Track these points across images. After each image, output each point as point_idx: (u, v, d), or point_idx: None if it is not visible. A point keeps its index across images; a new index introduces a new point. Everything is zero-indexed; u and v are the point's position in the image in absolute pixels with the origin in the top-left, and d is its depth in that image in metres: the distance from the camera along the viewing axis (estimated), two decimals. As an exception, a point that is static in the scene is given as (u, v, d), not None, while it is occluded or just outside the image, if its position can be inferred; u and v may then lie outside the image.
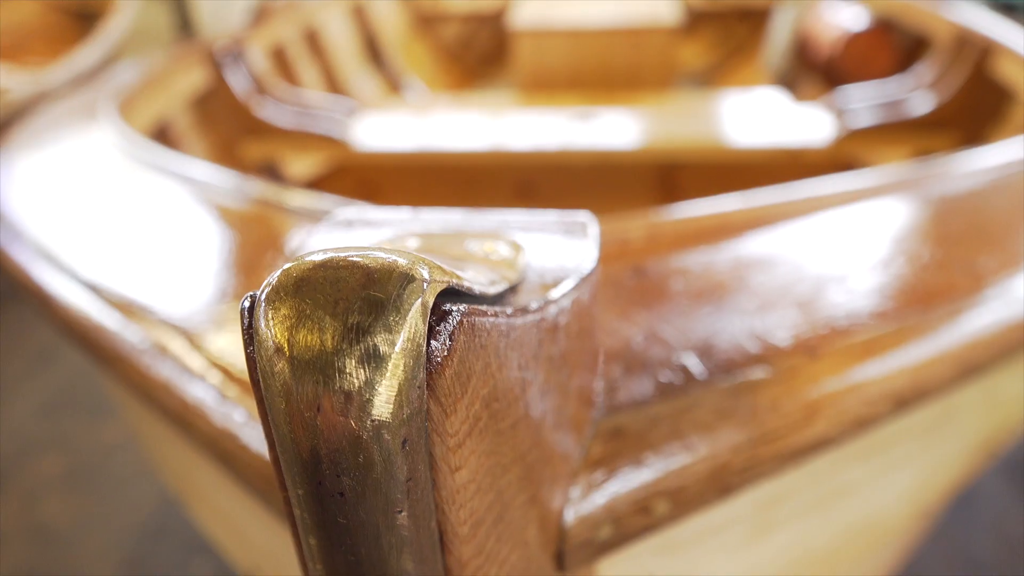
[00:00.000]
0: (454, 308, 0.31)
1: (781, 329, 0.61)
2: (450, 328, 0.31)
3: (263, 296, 0.30)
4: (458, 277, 0.32)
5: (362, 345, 0.28)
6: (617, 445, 0.50)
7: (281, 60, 2.32)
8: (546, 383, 0.41)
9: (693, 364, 0.57)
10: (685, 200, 2.02)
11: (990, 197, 0.85)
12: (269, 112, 1.96)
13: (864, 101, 1.90)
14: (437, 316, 0.31)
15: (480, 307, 0.33)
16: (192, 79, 1.88)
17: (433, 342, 0.30)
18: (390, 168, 2.08)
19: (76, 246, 0.86)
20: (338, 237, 0.48)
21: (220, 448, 0.57)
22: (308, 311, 0.29)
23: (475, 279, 0.34)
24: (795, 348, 0.59)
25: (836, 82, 2.25)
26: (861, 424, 0.58)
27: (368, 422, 0.29)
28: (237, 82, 1.96)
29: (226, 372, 0.62)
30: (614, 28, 2.33)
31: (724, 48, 3.39)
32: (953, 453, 0.86)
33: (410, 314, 0.29)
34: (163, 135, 1.73)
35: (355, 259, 0.30)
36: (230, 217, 0.87)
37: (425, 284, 0.30)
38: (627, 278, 0.67)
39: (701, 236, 0.76)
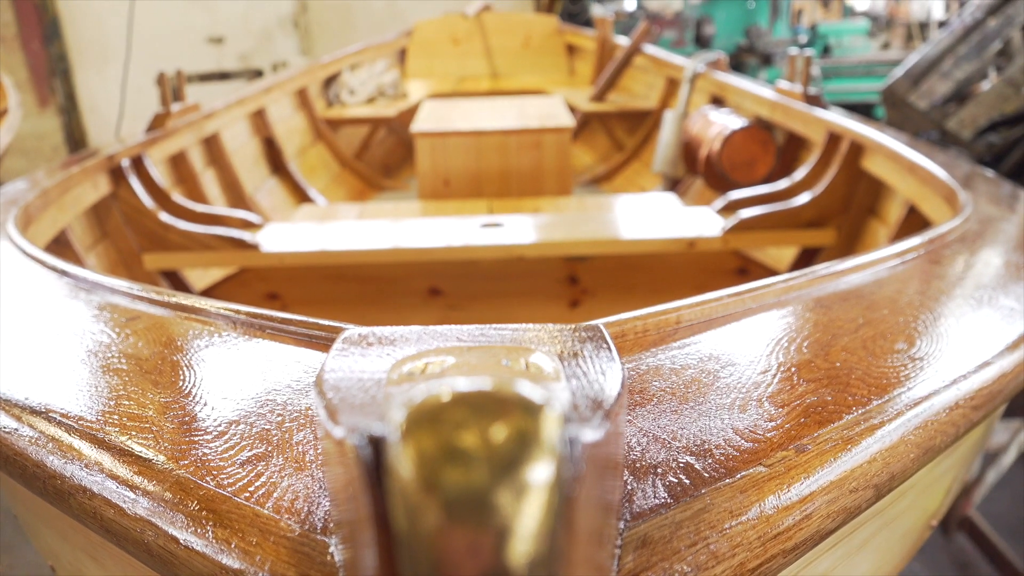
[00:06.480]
0: (573, 435, 0.30)
1: (764, 422, 0.64)
2: (580, 455, 0.30)
3: (398, 434, 0.28)
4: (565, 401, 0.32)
5: (516, 480, 0.27)
6: (647, 555, 0.50)
7: (182, 169, 2.28)
8: (605, 496, 0.41)
9: (695, 463, 0.58)
10: (595, 293, 2.09)
11: (901, 289, 0.92)
12: (170, 222, 1.91)
13: (748, 196, 2.03)
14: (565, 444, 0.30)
15: (587, 431, 0.32)
16: (93, 190, 1.82)
17: (565, 471, 0.29)
18: (296, 275, 2.06)
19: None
20: (359, 354, 0.47)
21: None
22: (455, 448, 0.27)
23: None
24: (782, 441, 0.62)
25: (720, 179, 2.40)
26: (850, 513, 0.61)
27: (524, 562, 0.27)
28: (138, 193, 1.91)
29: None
30: (513, 129, 2.41)
31: (615, 152, 3.55)
32: (901, 533, 0.90)
33: (553, 445, 0.28)
34: (63, 247, 1.66)
35: (487, 390, 0.29)
36: (134, 324, 0.85)
37: (556, 411, 0.29)
38: None
39: (662, 336, 0.78)
